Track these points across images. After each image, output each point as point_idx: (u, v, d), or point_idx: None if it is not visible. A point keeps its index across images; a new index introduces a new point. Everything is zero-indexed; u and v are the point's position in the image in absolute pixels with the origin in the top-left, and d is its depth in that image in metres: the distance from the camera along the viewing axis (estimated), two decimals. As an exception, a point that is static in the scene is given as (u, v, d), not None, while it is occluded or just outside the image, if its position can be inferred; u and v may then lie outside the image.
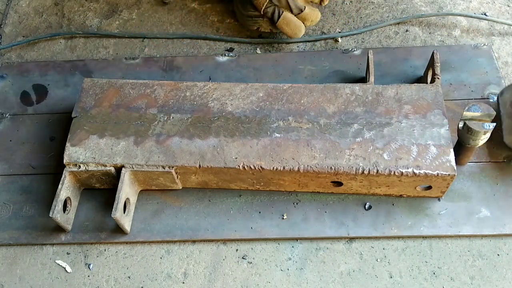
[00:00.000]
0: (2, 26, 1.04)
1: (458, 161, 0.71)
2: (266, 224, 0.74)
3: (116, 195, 0.69)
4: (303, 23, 0.90)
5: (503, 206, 0.73)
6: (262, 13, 0.88)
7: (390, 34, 0.94)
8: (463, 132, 0.69)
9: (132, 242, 0.74)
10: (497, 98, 0.67)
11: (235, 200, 0.76)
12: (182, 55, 0.95)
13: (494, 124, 0.67)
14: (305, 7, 0.89)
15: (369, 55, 0.80)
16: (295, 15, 0.88)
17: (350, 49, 0.91)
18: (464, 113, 0.68)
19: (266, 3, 0.88)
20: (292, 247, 0.73)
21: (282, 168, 0.69)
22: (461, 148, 0.72)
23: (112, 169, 0.72)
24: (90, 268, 0.73)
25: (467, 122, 0.67)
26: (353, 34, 0.95)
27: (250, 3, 0.90)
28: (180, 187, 0.76)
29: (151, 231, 0.74)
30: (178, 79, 0.89)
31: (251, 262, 0.72)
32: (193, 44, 0.97)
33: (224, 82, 0.78)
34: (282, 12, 0.88)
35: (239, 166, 0.70)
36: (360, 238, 0.73)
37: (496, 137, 0.76)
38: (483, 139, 0.68)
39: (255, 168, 0.70)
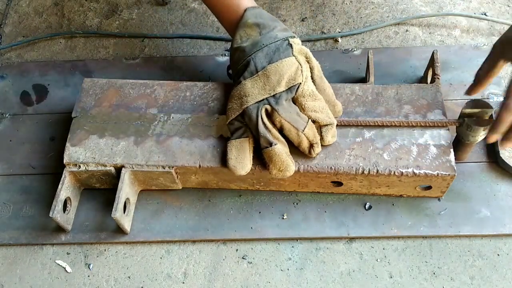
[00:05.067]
0: (2, 26, 1.04)
1: (457, 157, 0.71)
2: (266, 224, 0.74)
3: (116, 195, 0.69)
4: (269, 165, 0.67)
5: (503, 206, 0.73)
6: (227, 123, 0.70)
7: (390, 34, 0.95)
8: (462, 129, 0.69)
9: (132, 242, 0.74)
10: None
11: (235, 200, 0.76)
12: (182, 55, 0.95)
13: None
14: (276, 144, 0.65)
15: (369, 55, 0.80)
16: (262, 149, 0.66)
17: (350, 49, 0.91)
18: (462, 110, 0.68)
19: (236, 116, 0.68)
20: (292, 247, 0.73)
21: (282, 168, 0.69)
22: (460, 144, 0.72)
23: (112, 169, 0.72)
24: (90, 268, 0.73)
25: (466, 119, 0.67)
26: (353, 34, 0.95)
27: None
28: (180, 187, 0.76)
29: (151, 231, 0.74)
30: (178, 79, 0.89)
31: (251, 262, 0.72)
32: (193, 44, 0.97)
33: (224, 82, 0.78)
34: (246, 136, 0.67)
35: (239, 166, 0.70)
36: (360, 238, 0.73)
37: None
38: (482, 135, 0.68)
39: (255, 168, 0.70)
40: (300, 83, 0.66)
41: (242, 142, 0.68)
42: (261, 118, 0.66)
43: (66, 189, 0.72)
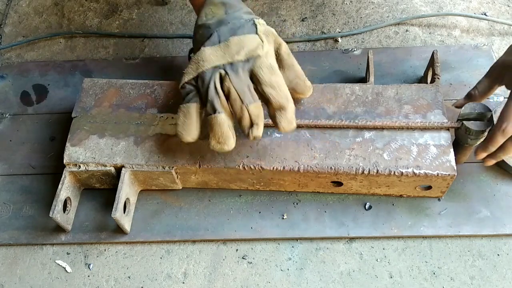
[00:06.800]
0: (2, 26, 1.04)
1: (456, 160, 0.71)
2: (266, 224, 0.74)
3: (116, 195, 0.69)
4: (209, 134, 0.64)
5: (503, 206, 0.73)
6: (179, 87, 0.66)
7: (390, 34, 0.95)
8: (461, 132, 0.69)
9: (132, 242, 0.74)
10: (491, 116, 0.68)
11: (235, 200, 0.76)
12: (182, 55, 0.95)
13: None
14: (221, 112, 0.62)
15: (369, 55, 0.80)
16: (206, 116, 0.63)
17: (350, 49, 0.91)
18: (461, 112, 0.68)
19: (189, 80, 0.65)
20: (292, 247, 0.73)
21: (282, 168, 0.69)
22: (459, 147, 0.72)
23: (112, 169, 0.72)
24: (90, 268, 0.73)
25: (465, 122, 0.67)
26: (353, 34, 0.95)
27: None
28: (180, 187, 0.76)
29: (151, 231, 0.74)
30: (178, 79, 0.89)
31: (251, 262, 0.72)
32: (193, 44, 0.97)
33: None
34: (194, 101, 0.65)
35: (239, 166, 0.70)
36: (360, 238, 0.73)
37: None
38: (481, 138, 0.68)
39: (255, 168, 0.70)
40: (260, 55, 0.63)
41: (189, 107, 0.65)
42: (214, 82, 0.62)
43: (66, 189, 0.72)
